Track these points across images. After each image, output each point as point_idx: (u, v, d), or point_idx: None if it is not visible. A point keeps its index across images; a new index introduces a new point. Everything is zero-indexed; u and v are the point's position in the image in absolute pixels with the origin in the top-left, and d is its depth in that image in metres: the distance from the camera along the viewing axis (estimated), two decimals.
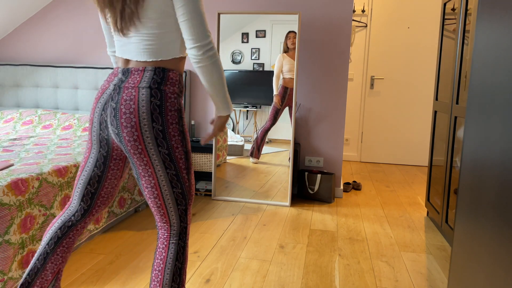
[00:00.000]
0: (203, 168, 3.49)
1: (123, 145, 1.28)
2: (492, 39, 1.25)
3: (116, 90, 1.27)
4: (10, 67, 3.77)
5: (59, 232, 1.40)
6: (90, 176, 1.37)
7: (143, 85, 1.24)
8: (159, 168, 1.28)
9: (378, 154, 5.19)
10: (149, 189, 1.31)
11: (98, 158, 1.35)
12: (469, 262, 1.34)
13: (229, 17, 3.30)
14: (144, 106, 1.23)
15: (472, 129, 1.37)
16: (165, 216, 1.35)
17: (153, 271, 1.36)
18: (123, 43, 1.32)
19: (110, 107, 1.27)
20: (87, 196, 1.39)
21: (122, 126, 1.24)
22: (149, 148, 1.25)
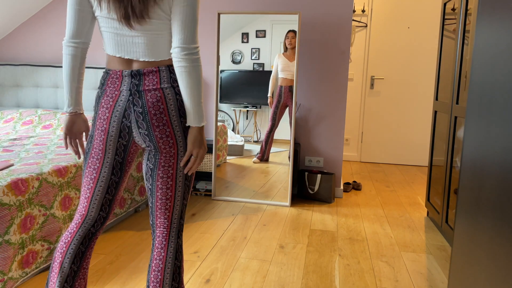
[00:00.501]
0: (203, 168, 3.49)
1: (154, 143, 1.29)
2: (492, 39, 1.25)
3: (135, 95, 1.26)
4: (10, 67, 3.77)
5: (82, 247, 1.36)
6: (108, 184, 1.35)
7: (165, 85, 1.26)
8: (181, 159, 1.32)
9: (378, 154, 5.19)
10: (164, 179, 1.32)
11: (114, 166, 1.34)
12: (469, 262, 1.34)
13: (229, 17, 3.30)
14: (172, 105, 1.27)
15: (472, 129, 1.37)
16: (170, 210, 1.35)
17: (151, 272, 1.35)
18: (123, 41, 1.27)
19: (134, 112, 1.26)
20: (105, 205, 1.37)
21: (154, 126, 1.26)
22: (179, 141, 1.29)
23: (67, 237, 1.36)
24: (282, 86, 3.25)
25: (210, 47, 3.64)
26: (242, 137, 3.40)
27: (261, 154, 3.35)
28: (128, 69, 1.28)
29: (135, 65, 1.28)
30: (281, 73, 3.24)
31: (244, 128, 3.38)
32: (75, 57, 1.31)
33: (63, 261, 1.34)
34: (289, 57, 3.22)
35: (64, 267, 1.34)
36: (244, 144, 3.39)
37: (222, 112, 3.41)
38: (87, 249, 1.38)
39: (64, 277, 1.34)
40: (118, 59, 1.29)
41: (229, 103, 3.39)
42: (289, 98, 3.25)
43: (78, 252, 1.35)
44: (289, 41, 3.20)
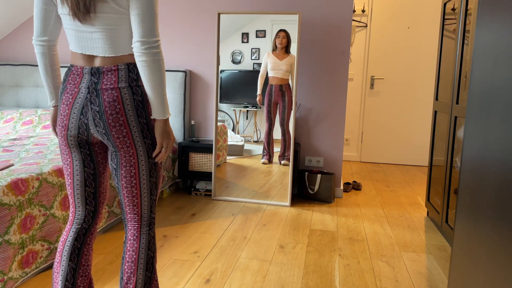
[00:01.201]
0: (203, 168, 3.49)
1: (111, 142, 1.30)
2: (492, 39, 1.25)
3: (92, 93, 1.26)
4: (10, 67, 3.77)
5: (77, 243, 1.39)
6: (84, 177, 1.37)
7: (122, 84, 1.26)
8: (143, 158, 1.32)
9: (378, 154, 5.19)
10: (127, 178, 1.34)
11: (84, 158, 1.36)
12: (469, 262, 1.34)
13: (229, 17, 3.30)
14: (129, 105, 1.27)
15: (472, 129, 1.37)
16: (138, 206, 1.37)
17: (125, 263, 1.37)
18: (83, 37, 1.26)
19: (91, 110, 1.27)
20: (89, 198, 1.40)
21: (111, 126, 1.27)
22: (137, 141, 1.30)
23: (63, 236, 1.40)
24: (272, 85, 3.25)
25: (210, 47, 3.64)
26: (242, 137, 3.40)
27: (267, 155, 3.35)
28: (88, 66, 1.28)
29: (96, 62, 1.28)
30: (271, 72, 3.25)
31: (244, 128, 3.38)
32: (43, 54, 1.35)
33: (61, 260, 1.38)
34: (279, 56, 3.22)
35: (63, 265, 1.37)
36: (244, 144, 3.39)
37: (222, 112, 3.41)
38: (83, 246, 1.39)
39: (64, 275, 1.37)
40: (80, 55, 1.29)
41: (229, 103, 3.39)
42: (279, 96, 3.25)
43: (74, 249, 1.38)
44: (279, 41, 3.20)
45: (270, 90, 3.26)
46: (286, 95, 3.24)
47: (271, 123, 3.30)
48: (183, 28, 3.66)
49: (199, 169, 3.50)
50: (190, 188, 3.53)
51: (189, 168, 3.51)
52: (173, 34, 3.68)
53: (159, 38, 1.24)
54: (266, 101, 3.28)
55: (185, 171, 3.51)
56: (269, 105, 3.27)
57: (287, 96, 3.24)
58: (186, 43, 3.67)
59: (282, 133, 3.30)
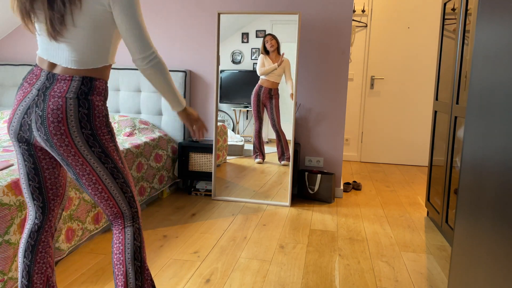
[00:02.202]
0: (203, 168, 3.49)
1: (55, 150, 1.29)
2: (492, 39, 1.25)
3: (40, 96, 1.27)
4: (10, 67, 3.77)
5: (31, 240, 1.40)
6: (26, 172, 1.38)
7: (70, 95, 1.27)
8: (97, 165, 1.32)
9: (378, 154, 5.19)
10: (91, 185, 1.34)
11: (23, 153, 1.36)
12: (469, 262, 1.34)
13: (229, 17, 3.30)
14: (72, 115, 1.27)
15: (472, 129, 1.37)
16: (115, 206, 1.38)
17: (113, 256, 1.39)
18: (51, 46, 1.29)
19: (35, 113, 1.27)
20: (35, 193, 1.40)
21: (52, 134, 1.27)
22: (82, 150, 1.30)
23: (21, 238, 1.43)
24: (262, 87, 3.25)
25: (210, 47, 3.64)
26: (242, 137, 3.40)
27: (261, 155, 3.35)
28: (48, 70, 1.30)
29: (56, 69, 1.29)
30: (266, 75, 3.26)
31: (244, 128, 3.39)
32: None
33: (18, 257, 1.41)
34: (273, 60, 3.22)
35: (19, 262, 1.40)
36: (244, 144, 3.39)
37: (222, 112, 3.41)
38: (37, 243, 1.40)
39: (20, 272, 1.40)
40: (44, 61, 1.32)
41: (229, 103, 3.39)
42: (267, 99, 3.26)
43: (27, 246, 1.39)
44: (269, 44, 3.21)
45: (258, 90, 3.26)
46: (273, 99, 3.25)
47: (261, 122, 3.30)
48: (183, 28, 3.66)
49: (199, 169, 3.50)
50: (190, 188, 3.53)
51: (189, 168, 3.51)
52: (173, 34, 3.68)
53: (154, 48, 1.31)
54: (255, 101, 3.28)
55: (185, 171, 3.51)
56: (257, 104, 3.28)
57: (275, 100, 3.25)
58: (186, 43, 3.67)
59: (276, 135, 3.30)
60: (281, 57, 3.21)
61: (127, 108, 3.64)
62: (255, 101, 3.27)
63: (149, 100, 3.58)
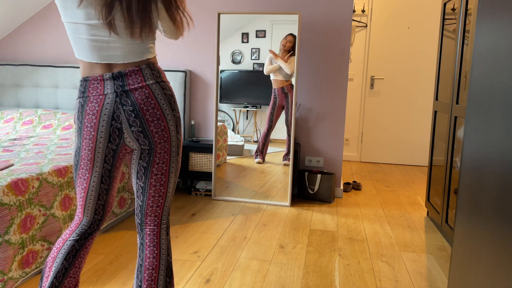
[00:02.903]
0: (203, 168, 3.49)
1: (149, 138, 1.29)
2: (492, 39, 1.25)
3: (121, 95, 1.25)
4: (10, 67, 3.77)
5: (77, 245, 1.38)
6: (98, 192, 1.35)
7: (150, 81, 1.28)
8: (174, 155, 1.34)
9: (378, 154, 5.19)
10: (158, 176, 1.34)
11: (103, 174, 1.33)
12: (469, 262, 1.34)
13: (229, 17, 3.30)
14: (162, 99, 1.29)
15: (472, 129, 1.37)
16: (161, 207, 1.37)
17: (145, 271, 1.35)
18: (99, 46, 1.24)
19: (124, 112, 1.25)
20: (99, 209, 1.38)
21: (148, 122, 1.27)
22: (172, 136, 1.32)
23: (66, 234, 1.39)
24: (275, 88, 3.26)
25: (210, 47, 3.64)
26: (242, 137, 3.40)
27: (261, 154, 3.35)
28: (108, 72, 1.25)
29: (115, 68, 1.26)
30: (272, 75, 3.25)
31: (244, 128, 3.38)
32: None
33: (56, 256, 1.37)
34: (282, 58, 3.23)
35: (56, 262, 1.37)
36: (244, 144, 3.39)
37: (222, 112, 3.41)
38: (82, 248, 1.39)
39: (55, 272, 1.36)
40: (96, 65, 1.26)
41: (229, 103, 3.39)
42: (284, 99, 3.26)
43: (72, 249, 1.37)
44: (284, 43, 3.20)
45: (274, 94, 3.27)
46: (289, 96, 3.25)
47: (271, 125, 3.30)
48: None
49: (199, 169, 3.50)
50: (190, 188, 3.53)
51: (189, 168, 3.51)
52: None
53: None
54: (271, 104, 3.28)
55: (185, 171, 3.51)
56: (273, 108, 3.28)
57: (290, 97, 3.25)
58: (186, 43, 3.67)
59: (287, 132, 3.29)
60: (288, 55, 3.21)
61: None
62: (271, 105, 3.28)
63: None
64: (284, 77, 3.23)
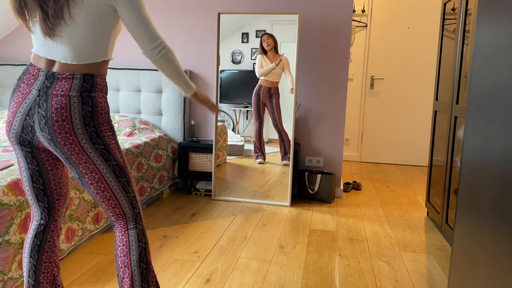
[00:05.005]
0: (203, 168, 3.49)
1: (59, 149, 1.29)
2: (492, 39, 1.25)
3: (42, 96, 1.26)
4: (10, 67, 3.77)
5: (37, 240, 1.40)
6: (29, 174, 1.37)
7: (73, 93, 1.26)
8: (100, 163, 1.32)
9: (378, 154, 5.19)
10: (94, 184, 1.33)
11: (26, 156, 1.35)
12: (469, 262, 1.34)
13: (229, 17, 3.30)
14: (77, 113, 1.27)
15: (472, 129, 1.37)
16: (117, 207, 1.37)
17: (118, 259, 1.38)
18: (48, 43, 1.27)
19: (37, 114, 1.26)
20: (40, 195, 1.39)
21: (56, 133, 1.26)
22: (86, 147, 1.30)
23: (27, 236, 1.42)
24: (262, 86, 3.25)
25: (210, 47, 3.64)
26: (242, 137, 3.40)
27: (262, 154, 3.35)
28: (46, 69, 1.28)
29: (54, 67, 1.28)
30: None
31: (244, 128, 3.38)
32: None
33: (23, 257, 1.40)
34: (271, 59, 3.22)
35: (24, 262, 1.40)
36: (244, 144, 3.39)
37: (222, 112, 3.41)
38: (43, 243, 1.40)
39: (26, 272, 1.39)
40: (41, 58, 1.29)
41: (229, 103, 3.39)
42: (267, 98, 3.26)
43: (33, 246, 1.39)
44: (266, 43, 3.20)
45: (258, 90, 3.26)
46: (273, 98, 3.25)
47: (261, 122, 3.30)
48: (183, 28, 3.66)
49: (199, 169, 3.50)
50: (190, 188, 3.53)
51: (189, 168, 3.51)
52: (173, 34, 3.68)
53: (161, 37, 1.33)
54: (255, 101, 3.28)
55: (185, 171, 3.51)
56: (257, 104, 3.28)
57: (275, 99, 3.25)
58: (186, 43, 3.67)
59: (278, 134, 3.30)
60: (280, 56, 3.21)
61: (127, 108, 3.64)
62: (255, 101, 3.27)
63: (149, 100, 3.58)
64: (274, 78, 3.23)
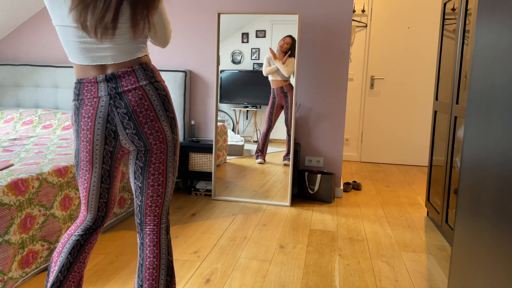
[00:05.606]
0: (203, 168, 3.49)
1: (143, 140, 1.29)
2: (492, 39, 1.25)
3: (115, 97, 1.24)
4: (10, 67, 3.77)
5: (81, 240, 1.39)
6: (99, 192, 1.37)
7: (143, 82, 1.27)
8: (171, 155, 1.35)
9: (378, 154, 5.19)
10: (155, 176, 1.34)
11: (103, 174, 1.34)
12: (469, 262, 1.34)
13: (229, 17, 3.30)
14: (156, 100, 1.29)
15: (472, 129, 1.37)
16: (159, 207, 1.37)
17: (145, 270, 1.36)
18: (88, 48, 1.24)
19: (118, 114, 1.25)
20: (102, 207, 1.40)
21: (142, 124, 1.27)
22: (168, 136, 1.33)
23: (71, 229, 1.41)
24: (274, 88, 3.26)
25: (210, 47, 3.64)
26: (242, 137, 3.40)
27: (262, 155, 3.35)
28: (102, 74, 1.25)
29: (108, 70, 1.26)
30: (271, 75, 3.25)
31: (244, 128, 3.38)
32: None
33: (61, 251, 1.39)
34: (279, 60, 3.23)
35: (61, 257, 1.38)
36: (244, 144, 3.39)
37: (222, 112, 3.41)
38: (86, 243, 1.40)
39: (60, 267, 1.38)
40: (88, 67, 1.26)
41: (229, 103, 3.39)
42: (283, 98, 3.26)
43: (76, 244, 1.39)
44: (281, 44, 3.20)
45: (273, 94, 3.27)
46: (288, 95, 3.25)
47: (271, 125, 3.30)
48: (183, 28, 3.66)
49: (199, 169, 3.50)
50: (190, 188, 3.53)
51: (189, 168, 3.51)
52: (173, 34, 3.68)
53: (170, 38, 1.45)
54: (270, 104, 3.29)
55: (185, 171, 3.51)
56: (272, 107, 3.28)
57: (289, 96, 3.25)
58: (186, 43, 3.67)
59: (287, 132, 3.30)
60: (286, 56, 3.21)
61: None
62: (270, 104, 3.28)
63: None
64: (282, 78, 3.23)
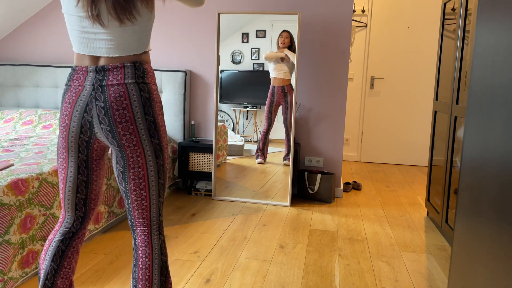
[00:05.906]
0: (203, 168, 3.49)
1: (116, 140, 1.27)
2: (492, 39, 1.25)
3: (97, 89, 1.25)
4: (10, 67, 3.77)
5: (62, 245, 1.38)
6: (76, 184, 1.35)
7: (129, 81, 1.26)
8: (151, 159, 1.31)
9: (378, 154, 5.19)
10: (136, 180, 1.32)
11: (79, 164, 1.33)
12: (469, 262, 1.34)
13: (229, 17, 3.30)
14: (136, 101, 1.26)
15: (472, 129, 1.37)
16: (147, 210, 1.35)
17: (138, 271, 1.35)
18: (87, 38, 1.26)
19: (96, 107, 1.25)
20: (79, 204, 1.38)
21: (116, 122, 1.25)
22: (143, 140, 1.28)
23: (51, 235, 1.39)
24: (275, 86, 3.25)
25: (210, 47, 3.64)
26: (242, 137, 3.40)
27: (262, 155, 3.35)
28: (93, 65, 1.27)
29: (101, 62, 1.27)
30: (273, 72, 3.25)
31: (244, 128, 3.38)
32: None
33: (44, 258, 1.37)
34: None
35: (45, 265, 1.37)
36: (244, 144, 3.39)
37: (222, 112, 3.41)
38: (68, 248, 1.38)
39: (45, 274, 1.37)
40: (84, 56, 1.28)
41: (229, 103, 3.39)
42: (282, 97, 3.26)
43: (58, 251, 1.37)
44: (282, 40, 3.20)
45: (272, 91, 3.26)
46: (288, 96, 3.25)
47: (270, 123, 3.30)
48: (183, 28, 3.66)
49: (199, 169, 3.50)
50: (190, 188, 3.53)
51: (189, 168, 3.51)
52: (173, 34, 3.68)
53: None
54: (268, 102, 3.28)
55: (185, 171, 3.51)
56: (270, 106, 3.28)
57: (289, 97, 3.24)
58: (186, 43, 3.67)
59: (286, 132, 3.30)
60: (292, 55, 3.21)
61: None
62: (268, 103, 3.27)
63: None
64: (285, 76, 3.23)
